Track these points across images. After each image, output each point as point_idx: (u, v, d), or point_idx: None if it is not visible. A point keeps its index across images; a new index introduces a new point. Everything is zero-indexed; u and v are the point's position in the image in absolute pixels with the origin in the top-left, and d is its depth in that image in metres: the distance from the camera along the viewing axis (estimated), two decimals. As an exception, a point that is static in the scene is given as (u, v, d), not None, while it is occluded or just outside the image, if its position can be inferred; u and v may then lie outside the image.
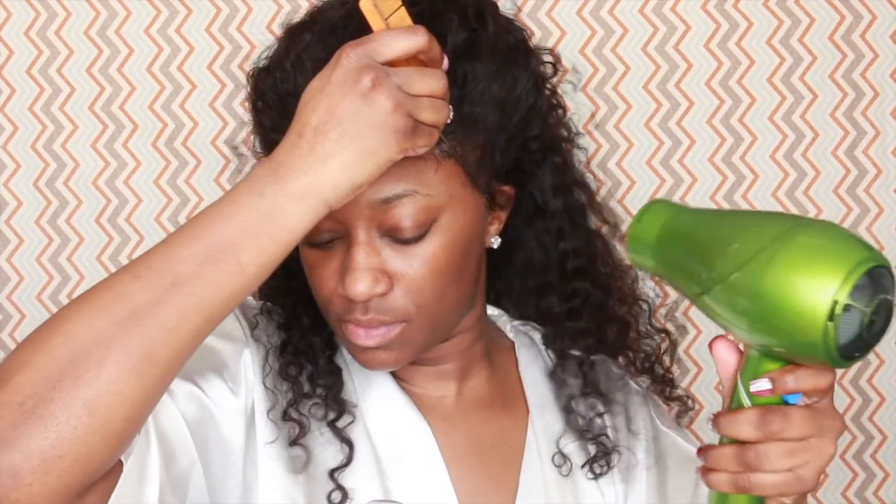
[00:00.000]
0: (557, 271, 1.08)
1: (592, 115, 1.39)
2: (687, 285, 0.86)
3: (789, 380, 0.82)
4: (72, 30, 1.47)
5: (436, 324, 0.98)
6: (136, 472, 0.86)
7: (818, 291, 0.76)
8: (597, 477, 1.05)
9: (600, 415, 1.07)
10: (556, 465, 1.05)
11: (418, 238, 0.93)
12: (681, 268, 0.87)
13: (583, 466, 1.05)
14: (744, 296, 0.79)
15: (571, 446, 1.06)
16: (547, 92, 1.06)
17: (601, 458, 1.05)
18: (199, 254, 0.81)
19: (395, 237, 0.93)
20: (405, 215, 0.92)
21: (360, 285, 0.92)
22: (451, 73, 0.92)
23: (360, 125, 0.82)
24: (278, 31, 1.44)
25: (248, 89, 1.00)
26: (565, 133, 1.09)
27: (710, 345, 0.87)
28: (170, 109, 1.47)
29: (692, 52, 1.44)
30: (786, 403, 0.83)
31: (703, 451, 0.86)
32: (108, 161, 1.48)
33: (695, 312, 1.45)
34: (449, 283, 0.96)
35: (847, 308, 0.75)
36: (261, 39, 1.43)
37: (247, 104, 1.48)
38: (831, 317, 0.75)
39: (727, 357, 0.86)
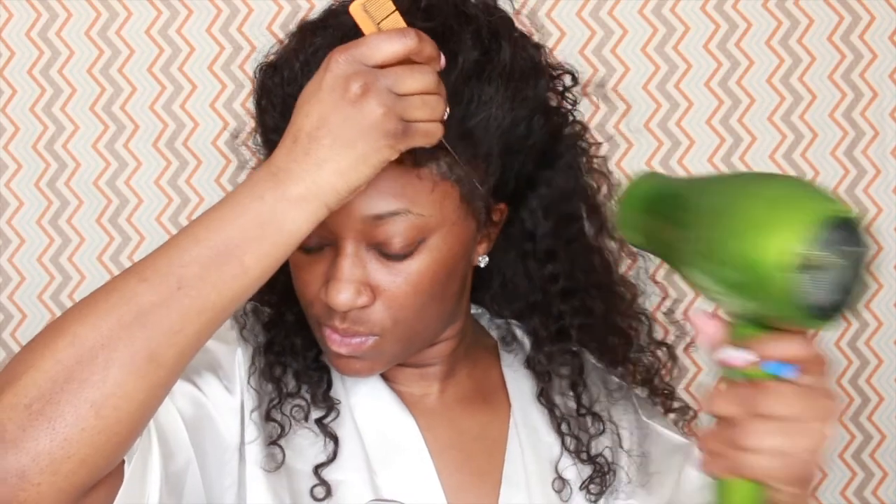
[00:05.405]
0: (543, 293, 1.08)
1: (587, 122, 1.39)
2: (669, 256, 0.84)
3: (769, 347, 0.78)
4: (73, 30, 1.47)
5: (411, 338, 0.99)
6: (139, 471, 0.87)
7: (777, 244, 0.72)
8: (595, 499, 1.06)
9: (594, 435, 1.08)
10: (555, 491, 1.06)
11: (405, 255, 0.94)
12: (663, 239, 0.84)
13: (581, 489, 1.06)
14: (713, 257, 0.76)
15: (569, 470, 1.07)
16: (561, 111, 1.06)
17: (597, 478, 1.06)
18: (203, 257, 0.81)
19: (383, 252, 0.93)
20: (395, 233, 0.93)
21: (343, 296, 0.93)
22: (457, 94, 0.92)
23: (351, 131, 0.82)
24: (279, 32, 1.45)
25: (256, 83, 1.00)
26: (582, 147, 1.08)
27: (686, 313, 0.85)
28: (170, 110, 1.47)
29: (691, 53, 1.45)
30: (774, 378, 0.78)
31: (699, 436, 0.82)
32: (109, 161, 1.48)
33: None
34: (430, 301, 0.96)
35: (810, 261, 0.71)
36: (261, 40, 1.44)
37: (248, 105, 1.49)
38: (795, 269, 0.72)
39: (705, 327, 0.82)
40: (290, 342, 1.03)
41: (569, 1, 1.44)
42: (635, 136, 1.45)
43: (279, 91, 0.95)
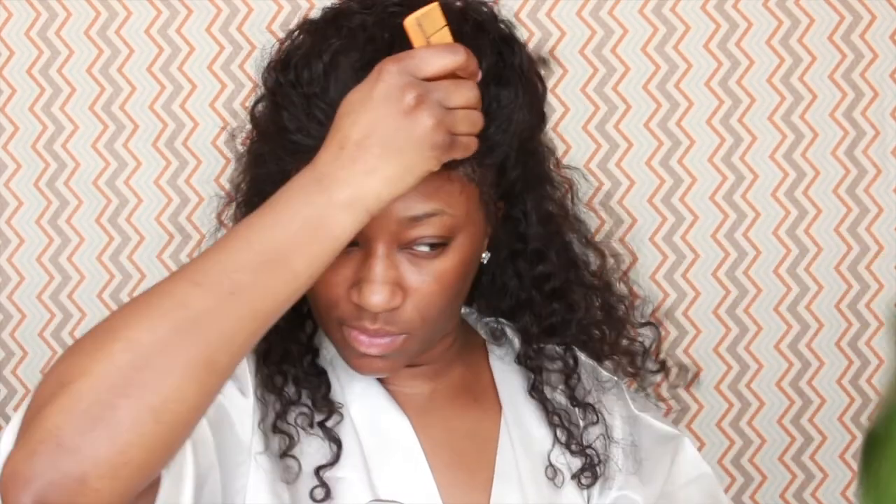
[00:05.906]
0: (531, 292, 1.11)
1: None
2: None
3: None
4: (72, 30, 1.47)
5: (432, 336, 1.01)
6: (177, 473, 0.88)
7: None
8: (585, 488, 1.08)
9: (586, 426, 1.10)
10: (548, 478, 1.07)
11: (436, 255, 0.96)
12: None
13: (572, 478, 1.08)
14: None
15: (561, 459, 1.08)
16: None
17: (588, 469, 1.08)
18: (255, 262, 0.82)
19: (414, 252, 0.95)
20: (429, 233, 0.95)
21: (378, 297, 0.94)
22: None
23: (401, 142, 0.84)
24: (279, 32, 1.45)
25: (268, 82, 1.01)
26: (550, 148, 1.13)
27: None
28: (170, 109, 1.47)
29: (692, 53, 1.45)
30: None
31: None
32: (109, 161, 1.48)
33: (694, 313, 1.46)
34: (453, 298, 0.99)
35: None
36: (261, 40, 1.44)
37: (247, 104, 1.48)
38: None
39: None
40: (285, 348, 1.04)
41: (569, 1, 1.44)
42: (635, 135, 1.45)
43: (299, 90, 0.95)
